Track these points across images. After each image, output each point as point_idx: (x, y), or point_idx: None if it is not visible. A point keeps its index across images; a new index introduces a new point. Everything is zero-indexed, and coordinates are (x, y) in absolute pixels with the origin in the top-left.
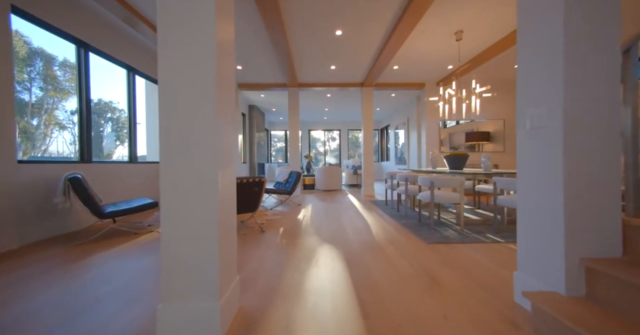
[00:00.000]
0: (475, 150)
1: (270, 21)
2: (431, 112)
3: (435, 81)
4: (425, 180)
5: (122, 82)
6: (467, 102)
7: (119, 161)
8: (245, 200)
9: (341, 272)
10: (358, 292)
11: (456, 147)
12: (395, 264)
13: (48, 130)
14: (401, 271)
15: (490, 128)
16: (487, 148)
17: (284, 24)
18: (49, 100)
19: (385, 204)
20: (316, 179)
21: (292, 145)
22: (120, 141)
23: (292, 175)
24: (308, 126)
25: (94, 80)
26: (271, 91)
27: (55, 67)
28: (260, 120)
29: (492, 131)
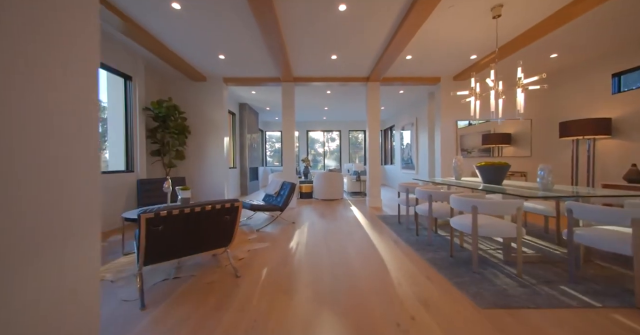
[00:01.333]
0: (492, 155)
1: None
2: (447, 111)
3: (452, 75)
4: (463, 202)
5: None
6: (504, 97)
7: None
8: (212, 234)
9: None
10: None
11: (469, 151)
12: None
13: None
14: None
15: (510, 129)
16: (507, 152)
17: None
18: None
19: (398, 221)
20: (314, 186)
21: (287, 148)
22: None
23: (285, 187)
24: (306, 127)
25: None
26: (263, 87)
27: None
28: (253, 120)
29: (513, 133)
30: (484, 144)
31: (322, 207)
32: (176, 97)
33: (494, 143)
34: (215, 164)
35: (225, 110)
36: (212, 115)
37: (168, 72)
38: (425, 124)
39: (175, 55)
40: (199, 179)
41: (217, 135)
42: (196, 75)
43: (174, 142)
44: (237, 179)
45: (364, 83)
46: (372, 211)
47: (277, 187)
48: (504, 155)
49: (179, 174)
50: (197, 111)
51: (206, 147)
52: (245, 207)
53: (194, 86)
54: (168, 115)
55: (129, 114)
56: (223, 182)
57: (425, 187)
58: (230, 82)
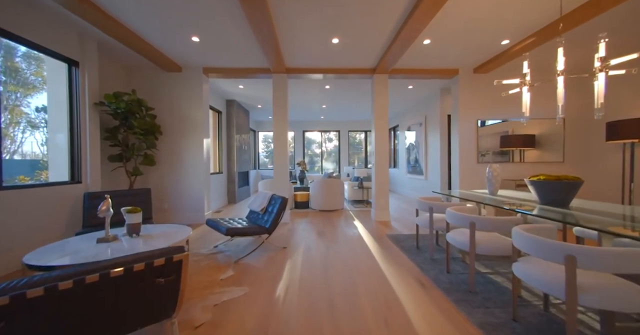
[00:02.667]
0: (511, 159)
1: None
2: (466, 108)
3: (472, 67)
4: (550, 248)
5: None
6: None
7: None
8: (139, 306)
9: None
10: None
11: (483, 153)
12: None
13: None
14: None
15: (535, 130)
16: (530, 156)
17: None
18: None
19: (416, 245)
20: (311, 195)
21: (279, 150)
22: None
23: (274, 202)
24: (302, 127)
25: None
26: (252, 81)
27: None
28: (243, 119)
29: (538, 134)
30: (502, 146)
31: (320, 221)
32: (143, 90)
33: (514, 146)
34: (193, 170)
35: (206, 107)
36: (190, 112)
37: (133, 59)
38: (437, 123)
39: (136, 37)
40: (174, 189)
41: (196, 136)
42: (169, 65)
43: (141, 145)
44: (223, 186)
45: (370, 75)
46: (380, 227)
47: (264, 201)
48: (526, 160)
49: (148, 182)
50: (170, 107)
51: (182, 150)
52: (220, 231)
53: (167, 78)
54: (131, 111)
55: (75, 109)
56: (202, 191)
57: (460, 209)
58: (212, 74)
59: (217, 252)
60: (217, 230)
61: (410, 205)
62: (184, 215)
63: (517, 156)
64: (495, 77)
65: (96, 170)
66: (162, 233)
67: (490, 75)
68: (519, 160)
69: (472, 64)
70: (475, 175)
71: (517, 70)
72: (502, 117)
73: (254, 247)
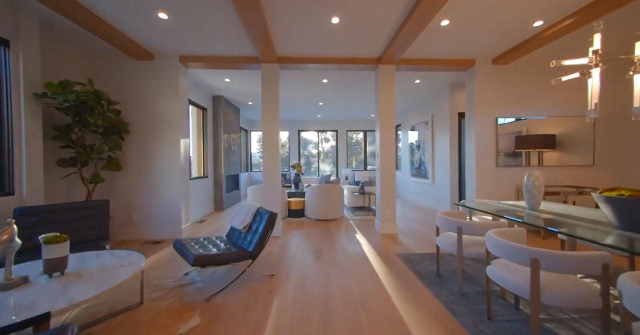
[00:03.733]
0: (527, 162)
1: None
2: (484, 105)
3: (491, 57)
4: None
5: None
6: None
7: None
8: None
9: None
10: None
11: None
12: None
13: None
14: None
15: (554, 129)
16: (550, 158)
17: None
18: None
19: (437, 272)
20: (307, 202)
21: (269, 153)
22: None
23: (260, 218)
24: (297, 126)
25: None
26: (239, 73)
27: None
28: (232, 117)
29: (559, 134)
30: (518, 147)
31: (317, 235)
32: (107, 80)
33: (531, 147)
34: (168, 175)
35: (184, 102)
36: (165, 108)
37: (96, 44)
38: (445, 122)
39: (90, 14)
40: (144, 198)
41: (172, 136)
42: (137, 51)
43: (101, 147)
44: (209, 191)
45: (374, 66)
46: (387, 243)
47: (247, 216)
48: (544, 163)
49: (113, 191)
50: (141, 102)
51: (155, 152)
52: (186, 259)
53: (136, 67)
54: (86, 105)
55: (5, 100)
56: (179, 200)
57: (504, 233)
58: (190, 63)
59: (186, 283)
60: (183, 258)
61: (416, 212)
62: (157, 229)
63: (534, 159)
64: (515, 69)
65: (36, 178)
66: (100, 269)
67: (511, 67)
68: (537, 163)
69: (491, 53)
70: (494, 181)
71: (537, 62)
72: (525, 114)
73: (233, 275)
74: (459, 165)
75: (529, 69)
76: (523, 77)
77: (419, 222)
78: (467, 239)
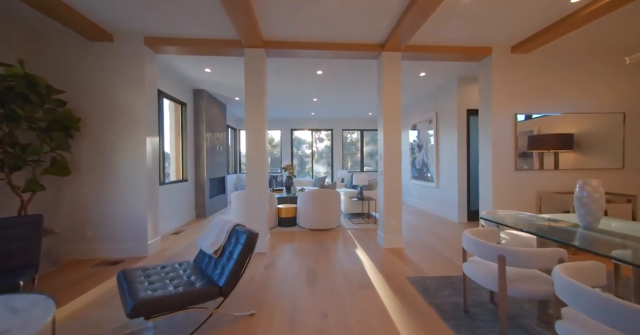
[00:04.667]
0: (539, 165)
1: None
2: (502, 100)
3: (511, 44)
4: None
5: None
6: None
7: None
8: None
9: None
10: None
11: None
12: None
13: None
14: None
15: (571, 128)
16: (566, 160)
17: None
18: None
19: (463, 308)
20: (300, 209)
21: (253, 155)
22: None
23: (236, 239)
24: (290, 125)
25: None
26: (221, 62)
27: None
28: (216, 113)
29: (577, 133)
30: (531, 148)
31: (311, 251)
32: (50, 65)
33: (545, 147)
34: (131, 181)
35: (152, 93)
36: (127, 99)
37: (34, 20)
38: (452, 120)
39: None
40: (101, 208)
41: (137, 134)
42: (90, 29)
43: (37, 147)
44: (189, 197)
45: (377, 54)
46: (394, 261)
47: (220, 236)
48: (561, 165)
49: (58, 202)
50: (96, 92)
51: (115, 153)
52: (125, 304)
53: (90, 50)
54: (14, 93)
55: None
56: (145, 211)
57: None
58: (159, 46)
59: (133, 331)
60: (122, 302)
61: (420, 219)
62: (117, 246)
63: (548, 161)
64: (535, 59)
65: None
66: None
67: (531, 56)
68: (553, 166)
69: (512, 39)
70: (513, 186)
71: (563, 51)
72: (548, 110)
73: (200, 316)
74: (467, 168)
75: (550, 60)
76: (544, 69)
77: (426, 232)
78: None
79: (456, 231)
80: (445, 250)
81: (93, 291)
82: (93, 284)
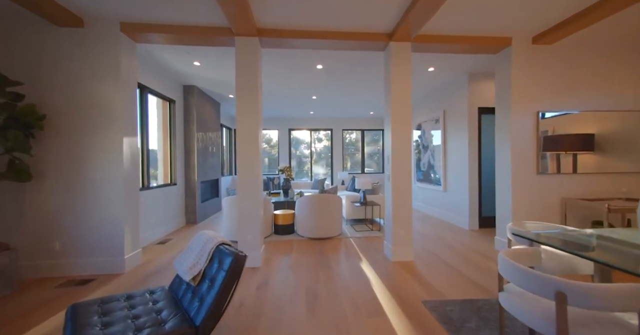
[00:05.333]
0: (556, 169)
1: None
2: (523, 96)
3: (533, 33)
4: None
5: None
6: None
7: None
8: None
9: None
10: None
11: None
12: None
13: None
14: None
15: (591, 127)
16: (586, 163)
17: None
18: None
19: None
20: (297, 215)
21: (245, 156)
22: None
23: (219, 262)
24: (288, 124)
25: None
26: (211, 53)
27: None
28: (210, 112)
29: (599, 133)
30: (545, 149)
31: (310, 265)
32: (10, 55)
33: (563, 149)
34: (106, 187)
35: (130, 86)
36: (101, 94)
37: None
38: (462, 119)
39: None
40: (71, 218)
41: (112, 133)
42: (57, 13)
43: None
44: (179, 202)
45: (384, 44)
46: (405, 278)
47: (200, 258)
48: (579, 169)
49: (20, 210)
50: (64, 86)
51: (86, 156)
52: None
53: (56, 36)
54: None
55: None
56: (122, 220)
57: None
58: (139, 34)
59: None
60: None
61: (428, 226)
62: (88, 261)
63: (566, 163)
64: (558, 51)
65: None
66: None
67: (556, 47)
68: (571, 169)
69: (534, 29)
70: (535, 193)
71: (591, 42)
72: (576, 107)
73: None
74: (479, 171)
75: (577, 52)
76: (569, 62)
77: (435, 241)
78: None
79: (468, 240)
80: (460, 264)
81: (49, 322)
82: (51, 311)
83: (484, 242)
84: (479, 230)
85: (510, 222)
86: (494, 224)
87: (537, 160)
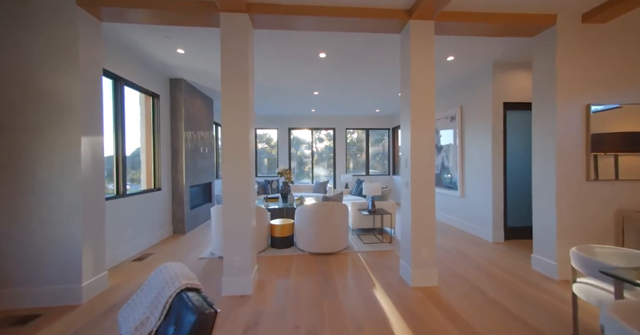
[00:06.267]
0: (594, 172)
1: None
2: (567, 86)
3: (583, 10)
4: None
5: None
6: None
7: None
8: None
9: None
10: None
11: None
12: None
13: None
14: None
15: (634, 125)
16: (630, 167)
17: None
18: None
19: None
20: (297, 226)
21: (233, 160)
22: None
23: (177, 319)
24: (288, 123)
25: None
26: (196, 38)
27: None
28: (200, 108)
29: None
30: (595, 150)
31: (312, 292)
32: None
33: (609, 149)
34: (60, 197)
35: (93, 74)
36: (53, 84)
37: None
38: (484, 116)
39: None
40: (14, 238)
41: (68, 132)
42: None
43: None
44: (164, 209)
45: (402, 23)
46: (435, 316)
47: (153, 314)
48: (622, 174)
49: None
50: (4, 72)
51: (34, 160)
52: None
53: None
54: None
55: None
56: (81, 239)
57: None
58: (99, 8)
59: None
60: None
61: (446, 237)
62: (37, 291)
63: (605, 167)
64: (618, 30)
65: None
66: None
67: (611, 27)
68: (613, 174)
69: (584, 3)
70: (584, 203)
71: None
72: (630, 99)
73: None
74: (504, 175)
75: (634, 33)
76: (627, 44)
77: (458, 257)
78: None
79: (497, 257)
80: (501, 294)
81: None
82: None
83: (517, 260)
84: (504, 242)
85: (554, 237)
86: (521, 236)
87: (588, 164)
